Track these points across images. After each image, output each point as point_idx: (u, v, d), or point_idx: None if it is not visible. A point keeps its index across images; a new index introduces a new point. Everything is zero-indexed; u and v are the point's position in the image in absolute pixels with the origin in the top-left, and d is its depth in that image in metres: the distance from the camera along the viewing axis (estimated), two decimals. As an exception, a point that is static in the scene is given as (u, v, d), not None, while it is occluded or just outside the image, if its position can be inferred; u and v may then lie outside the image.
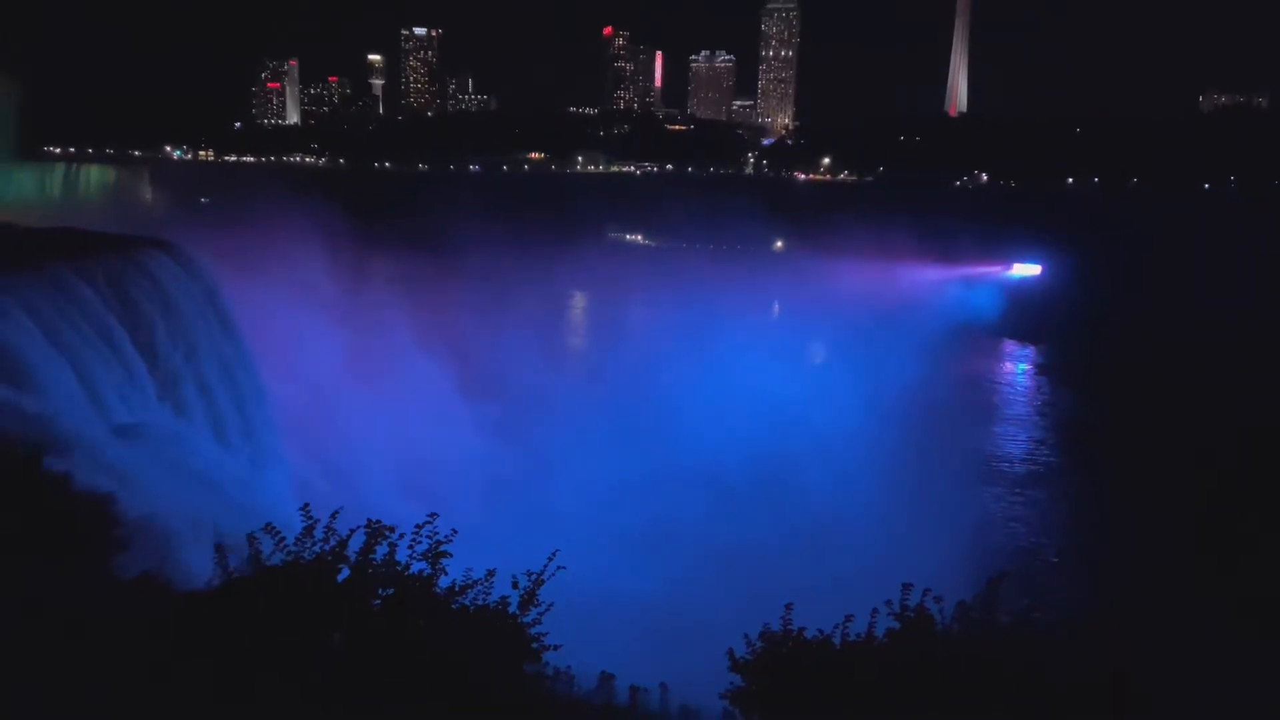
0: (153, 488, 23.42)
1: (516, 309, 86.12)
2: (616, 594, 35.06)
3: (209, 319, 35.78)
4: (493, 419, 57.11)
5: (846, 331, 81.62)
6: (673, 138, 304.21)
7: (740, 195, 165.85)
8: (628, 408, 60.65)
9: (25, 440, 19.36)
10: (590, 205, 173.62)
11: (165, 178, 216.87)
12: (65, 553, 13.33)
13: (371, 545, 10.59)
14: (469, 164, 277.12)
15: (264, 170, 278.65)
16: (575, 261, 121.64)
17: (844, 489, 48.91)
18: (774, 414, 60.85)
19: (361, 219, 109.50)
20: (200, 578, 10.89)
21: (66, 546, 13.47)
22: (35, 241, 36.46)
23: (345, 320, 61.74)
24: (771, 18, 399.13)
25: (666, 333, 79.62)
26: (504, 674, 10.69)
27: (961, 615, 11.40)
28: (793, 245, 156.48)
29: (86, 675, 9.02)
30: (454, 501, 40.91)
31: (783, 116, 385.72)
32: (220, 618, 9.83)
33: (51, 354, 25.55)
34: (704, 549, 41.91)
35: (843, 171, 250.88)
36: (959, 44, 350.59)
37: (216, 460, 30.15)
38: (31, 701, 8.43)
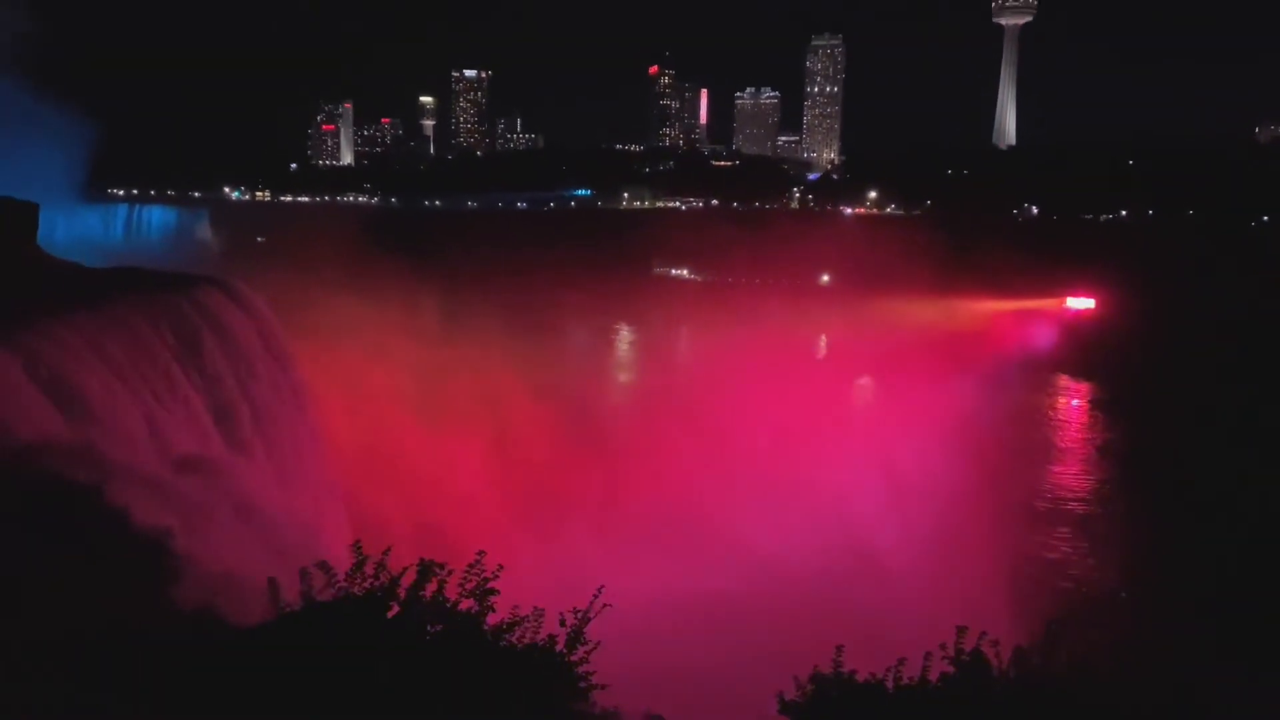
0: (209, 522, 23.83)
1: (563, 344, 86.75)
2: (664, 631, 34.75)
3: (265, 355, 36.49)
4: (541, 455, 57.14)
5: (894, 366, 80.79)
6: (718, 173, 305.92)
7: (785, 230, 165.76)
8: (672, 437, 60.43)
9: (87, 473, 19.86)
10: (636, 241, 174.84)
11: (224, 218, 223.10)
12: (123, 585, 13.60)
13: (421, 582, 10.67)
14: (517, 201, 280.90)
15: (318, 210, 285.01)
16: (620, 296, 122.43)
17: (894, 527, 48.12)
18: (823, 449, 60.21)
19: (412, 256, 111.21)
20: (253, 613, 11.04)
21: (125, 579, 13.75)
22: (98, 280, 37.57)
23: (395, 356, 62.60)
24: (816, 54, 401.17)
25: (711, 366, 79.52)
26: (551, 712, 10.64)
27: (1019, 660, 11.11)
28: (839, 280, 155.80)
29: (140, 709, 9.16)
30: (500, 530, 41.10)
31: (828, 151, 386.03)
32: (272, 653, 9.94)
33: (113, 389, 26.22)
34: (754, 590, 41.43)
35: (889, 205, 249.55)
36: (1007, 76, 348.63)
37: (271, 494, 30.59)
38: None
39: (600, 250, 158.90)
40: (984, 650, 11.09)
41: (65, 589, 11.83)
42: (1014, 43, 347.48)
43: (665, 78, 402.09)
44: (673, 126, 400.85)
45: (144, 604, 13.28)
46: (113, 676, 9.49)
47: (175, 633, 11.38)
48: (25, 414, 22.15)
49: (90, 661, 9.69)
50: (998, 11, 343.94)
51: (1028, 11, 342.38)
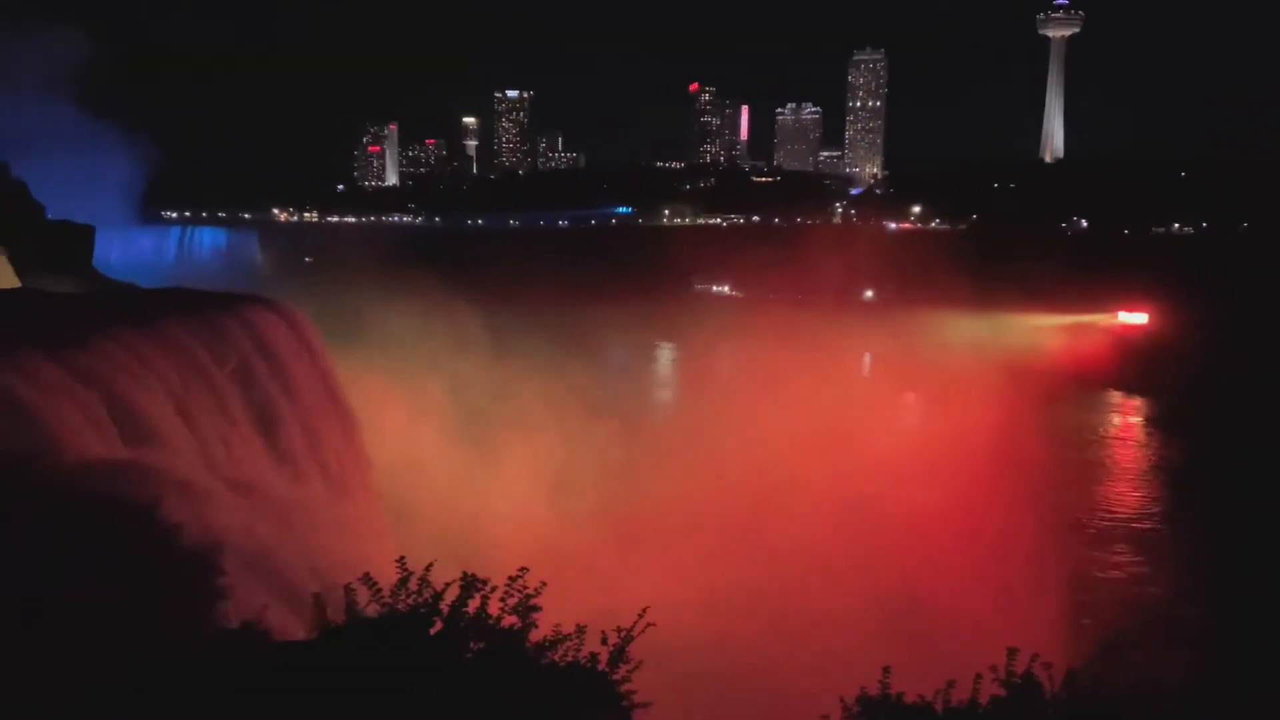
0: (256, 538, 24.17)
1: (605, 362, 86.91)
2: (709, 651, 34.51)
3: (311, 373, 37.06)
4: (581, 472, 57.15)
5: (942, 382, 79.74)
6: (758, 189, 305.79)
7: (828, 245, 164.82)
8: (720, 451, 60.13)
9: (141, 491, 20.27)
10: (676, 258, 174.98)
11: (272, 239, 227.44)
12: (175, 601, 13.83)
13: (464, 598, 10.68)
14: (558, 219, 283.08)
15: (364, 230, 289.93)
16: (660, 313, 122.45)
17: (943, 547, 47.35)
18: (869, 467, 59.50)
19: (456, 275, 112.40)
20: (299, 629, 11.14)
21: (176, 595, 13.97)
22: (152, 300, 38.49)
23: (439, 373, 63.20)
24: (859, 69, 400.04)
25: (757, 382, 79.08)
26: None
27: (1072, 683, 10.82)
28: (883, 295, 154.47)
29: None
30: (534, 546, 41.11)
31: (871, 166, 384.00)
32: (316, 668, 10.00)
33: (167, 408, 26.79)
34: (799, 606, 40.96)
35: (934, 220, 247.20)
36: (1053, 88, 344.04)
37: (316, 510, 30.98)
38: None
39: (641, 267, 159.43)
40: (1036, 673, 10.82)
41: (119, 605, 12.05)
42: (1060, 54, 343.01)
43: (706, 95, 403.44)
44: (713, 143, 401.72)
45: (195, 619, 13.48)
46: (164, 693, 9.62)
47: (224, 649, 11.52)
48: (81, 432, 22.70)
49: (143, 678, 9.85)
50: (1043, 24, 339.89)
51: (1074, 23, 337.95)
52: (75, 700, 9.18)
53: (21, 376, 22.36)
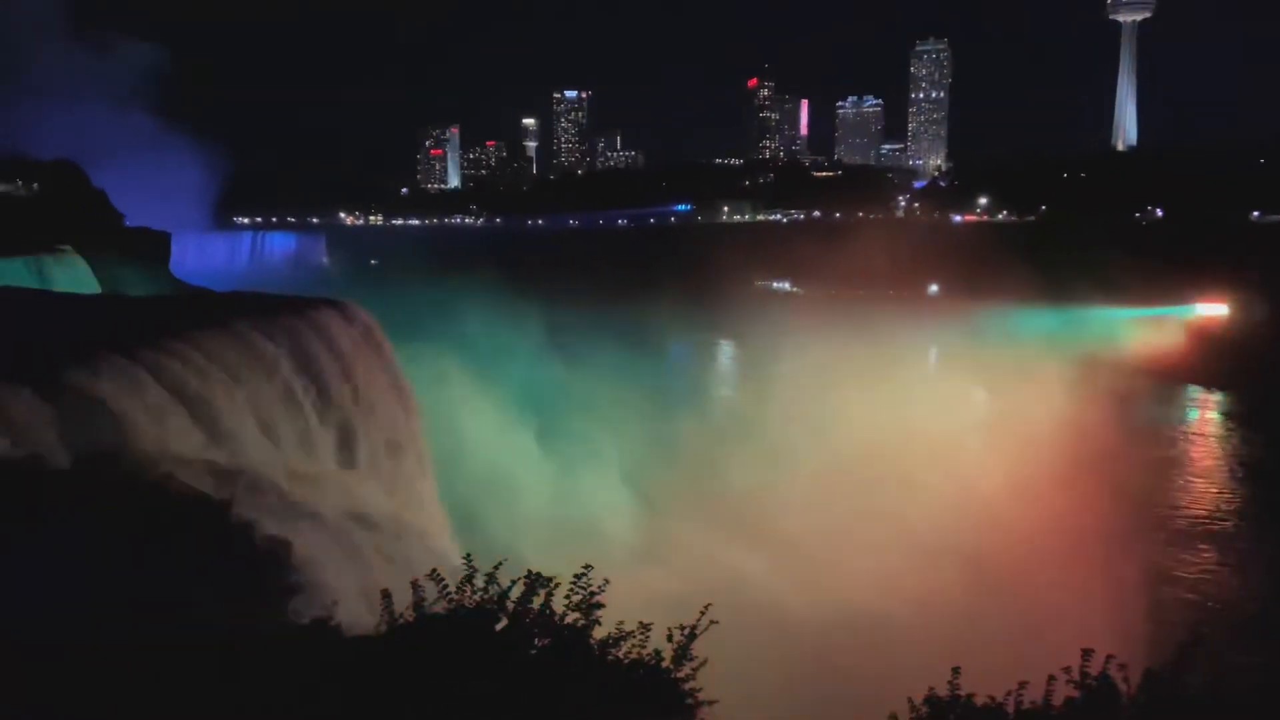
0: (327, 534, 24.71)
1: (665, 359, 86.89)
2: (774, 649, 34.32)
3: (377, 373, 37.72)
4: (647, 473, 57.25)
5: (1013, 378, 77.92)
6: (819, 184, 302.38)
7: (890, 239, 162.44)
8: (781, 455, 59.71)
9: (216, 488, 20.89)
10: (737, 255, 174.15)
11: (339, 242, 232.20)
12: (248, 595, 14.20)
13: (529, 595, 10.76)
14: (617, 218, 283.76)
15: (427, 232, 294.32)
16: (720, 311, 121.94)
17: (1015, 545, 46.35)
18: (932, 462, 58.54)
19: (517, 275, 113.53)
20: (367, 623, 11.34)
21: (249, 589, 14.34)
22: (225, 303, 39.52)
23: (500, 373, 63.85)
24: (921, 60, 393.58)
25: (817, 380, 78.31)
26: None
27: (1149, 684, 10.50)
28: (949, 289, 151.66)
29: (256, 711, 9.50)
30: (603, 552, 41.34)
31: (934, 158, 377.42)
32: (385, 664, 10.17)
33: (240, 406, 27.55)
34: (874, 602, 40.53)
35: (1001, 212, 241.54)
36: (1125, 74, 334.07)
37: (384, 508, 31.54)
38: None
39: (701, 265, 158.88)
40: (1111, 674, 10.51)
41: (194, 600, 12.40)
42: (1132, 39, 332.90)
43: (765, 90, 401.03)
44: (773, 139, 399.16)
45: (267, 614, 13.81)
46: (238, 686, 9.87)
47: (295, 643, 11.78)
48: (159, 431, 23.45)
49: (218, 670, 10.12)
50: (1114, 8, 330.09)
51: (1146, 7, 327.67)
52: (153, 690, 9.47)
53: (103, 377, 23.19)
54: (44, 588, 11.11)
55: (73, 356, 23.58)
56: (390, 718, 9.61)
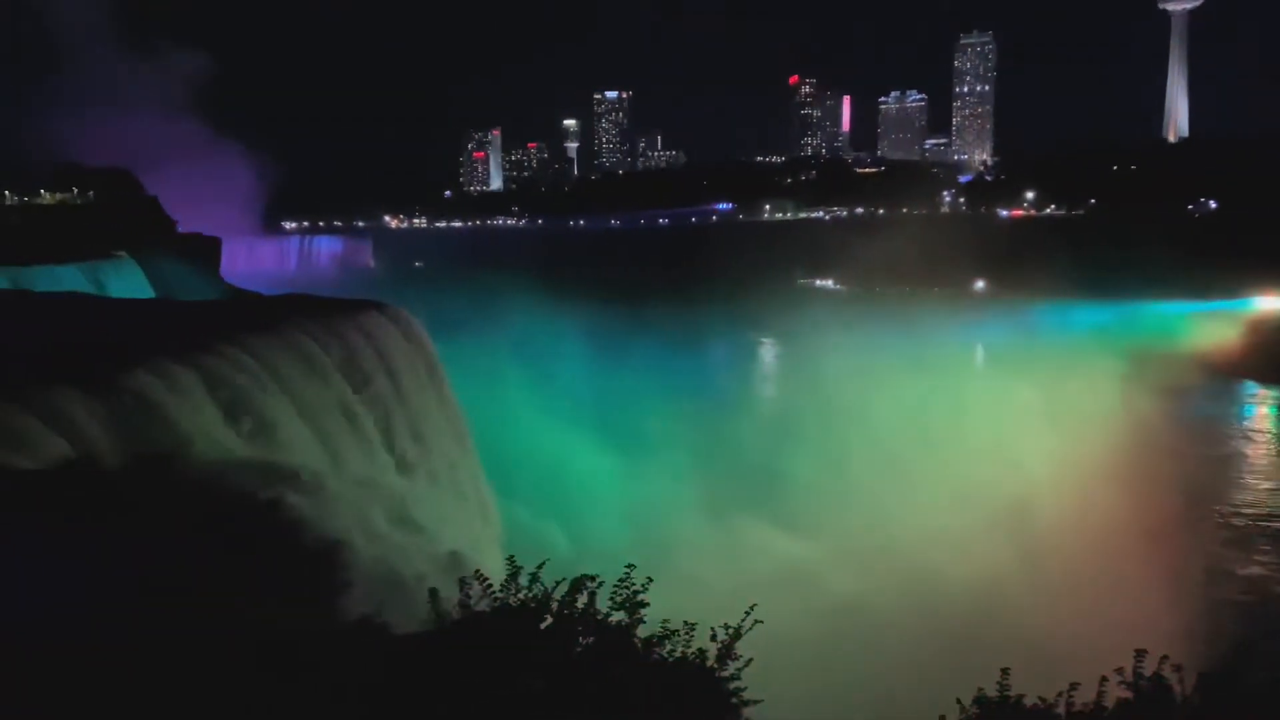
0: (374, 534, 25.04)
1: (704, 357, 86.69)
2: (821, 647, 34.10)
3: (422, 373, 38.17)
4: (688, 471, 57.13)
5: (1063, 374, 76.44)
6: (862, 180, 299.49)
7: (935, 235, 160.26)
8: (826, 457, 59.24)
9: (265, 487, 21.25)
10: (779, 252, 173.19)
11: (385, 245, 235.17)
12: (298, 592, 14.42)
13: (573, 594, 10.81)
14: (658, 217, 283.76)
15: (471, 234, 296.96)
16: (763, 309, 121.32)
17: (1067, 543, 45.56)
18: (987, 462, 57.68)
19: (559, 275, 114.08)
20: (414, 622, 11.46)
21: (300, 587, 14.57)
22: (274, 307, 40.22)
23: (541, 372, 64.17)
24: (965, 53, 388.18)
25: (864, 377, 77.57)
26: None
27: (1204, 686, 10.26)
28: (996, 285, 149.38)
29: (310, 712, 9.65)
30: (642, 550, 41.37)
31: (980, 152, 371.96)
32: (432, 661, 10.28)
33: (288, 408, 28.03)
34: (914, 601, 40.06)
35: (1049, 206, 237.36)
36: (1176, 64, 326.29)
37: (430, 507, 31.87)
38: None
39: (743, 264, 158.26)
40: (1166, 675, 10.29)
41: (246, 597, 12.63)
42: (1183, 29, 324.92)
43: (806, 87, 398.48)
44: (814, 135, 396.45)
45: (316, 612, 14.02)
46: (289, 680, 10.03)
47: (343, 640, 11.95)
48: (211, 432, 23.94)
49: (268, 666, 10.30)
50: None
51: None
52: (207, 686, 9.67)
53: (157, 380, 23.72)
54: (97, 584, 11.39)
55: (127, 360, 24.16)
56: (437, 714, 9.70)
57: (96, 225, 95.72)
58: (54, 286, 52.31)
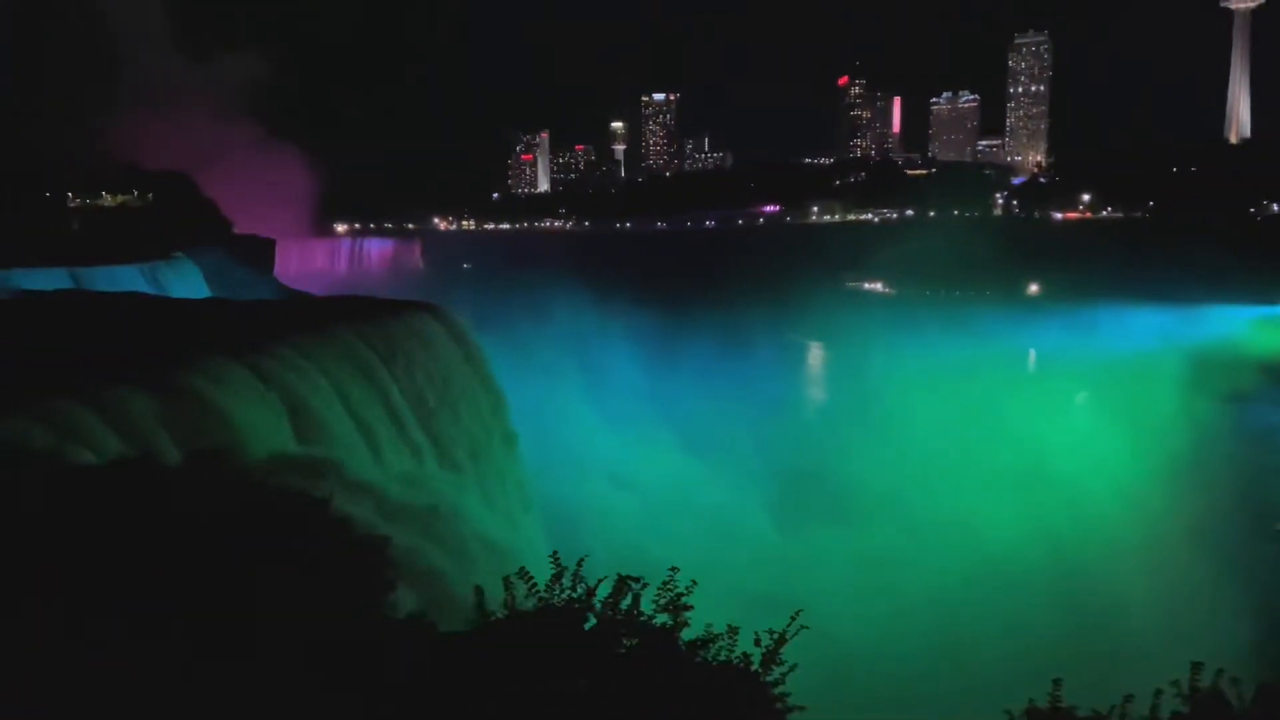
0: (421, 532, 25.33)
1: (751, 360, 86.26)
2: (868, 656, 33.85)
3: (469, 375, 38.52)
4: (731, 473, 57.00)
5: (1120, 379, 74.82)
6: (912, 182, 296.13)
7: (987, 238, 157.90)
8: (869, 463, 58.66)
9: (315, 485, 21.58)
10: (826, 255, 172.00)
11: (433, 246, 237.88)
12: (346, 590, 14.61)
13: (617, 595, 10.82)
14: (704, 219, 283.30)
15: (518, 236, 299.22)
16: (809, 311, 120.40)
17: (1124, 552, 44.62)
18: (1039, 473, 56.65)
19: (602, 277, 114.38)
20: (459, 619, 11.56)
21: (347, 585, 14.76)
22: (325, 308, 40.90)
23: (586, 373, 64.42)
24: (1020, 53, 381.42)
25: (908, 384, 76.62)
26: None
27: (1264, 699, 9.96)
28: (1049, 289, 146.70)
29: (362, 710, 9.77)
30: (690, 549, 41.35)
31: (1034, 154, 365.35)
32: (479, 660, 10.35)
33: (338, 408, 28.48)
34: (962, 612, 39.52)
35: (1105, 208, 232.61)
36: (1238, 64, 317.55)
37: (476, 506, 32.17)
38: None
39: (789, 266, 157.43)
40: (1223, 688, 10.01)
41: (295, 594, 12.83)
42: (1245, 28, 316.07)
43: (856, 88, 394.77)
44: (864, 137, 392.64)
45: (363, 610, 14.19)
46: (338, 677, 10.17)
47: (390, 638, 12.08)
48: (263, 430, 24.40)
49: (317, 663, 10.45)
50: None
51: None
52: (256, 681, 9.84)
53: (212, 379, 24.25)
54: (152, 580, 11.65)
55: (182, 358, 24.74)
56: (485, 713, 9.77)
57: (156, 227, 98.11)
58: (114, 286, 53.73)
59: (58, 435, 19.30)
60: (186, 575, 12.10)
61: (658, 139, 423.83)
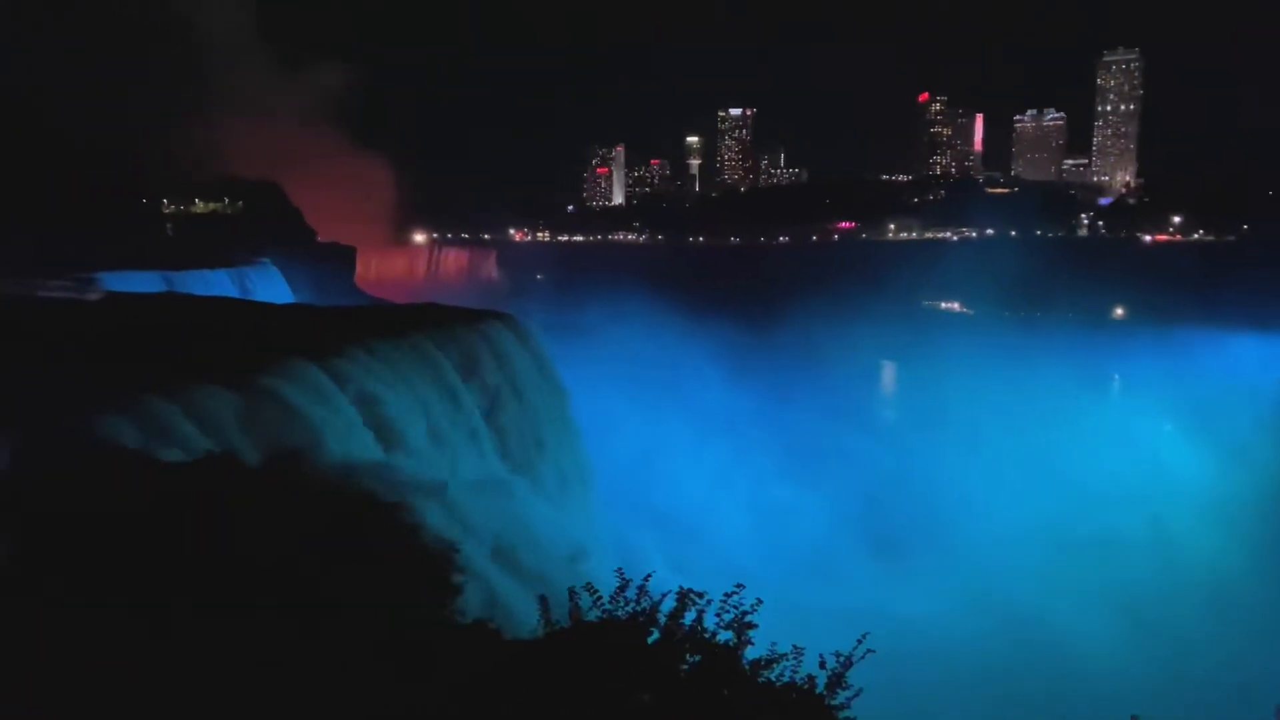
0: (491, 537, 25.58)
1: (824, 378, 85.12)
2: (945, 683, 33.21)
3: (540, 383, 38.83)
4: (807, 487, 56.29)
5: (1212, 410, 71.63)
6: (993, 201, 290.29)
7: (1071, 258, 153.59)
8: (955, 481, 57.37)
9: (388, 489, 21.96)
10: (903, 273, 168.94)
11: (508, 257, 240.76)
12: (415, 593, 14.83)
13: (681, 610, 10.74)
14: (778, 235, 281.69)
15: (591, 248, 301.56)
16: (886, 331, 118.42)
17: (1206, 592, 42.93)
18: (1131, 502, 54.86)
19: (674, 291, 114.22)
20: (524, 626, 11.62)
21: (417, 588, 14.98)
22: (401, 316, 41.65)
23: (656, 387, 64.32)
24: (1109, 70, 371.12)
25: (989, 405, 74.66)
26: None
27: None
28: (1137, 313, 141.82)
29: (426, 709, 9.87)
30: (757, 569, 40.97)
31: (1122, 174, 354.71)
32: (544, 668, 10.37)
33: (413, 414, 28.98)
34: (1055, 643, 38.56)
35: (1196, 231, 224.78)
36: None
37: (545, 514, 32.36)
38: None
39: (864, 283, 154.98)
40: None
41: (367, 595, 13.06)
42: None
43: (937, 104, 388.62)
44: (944, 154, 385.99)
45: (432, 613, 14.38)
46: (408, 678, 10.30)
47: (458, 642, 12.20)
48: (337, 433, 24.95)
49: (387, 662, 10.61)
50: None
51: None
52: (329, 676, 10.02)
53: (293, 382, 24.91)
54: (232, 573, 11.99)
55: (264, 361, 25.46)
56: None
57: (245, 233, 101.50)
58: (205, 290, 55.69)
59: (147, 432, 20.04)
60: (265, 569, 12.43)
61: (733, 154, 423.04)
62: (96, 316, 38.24)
